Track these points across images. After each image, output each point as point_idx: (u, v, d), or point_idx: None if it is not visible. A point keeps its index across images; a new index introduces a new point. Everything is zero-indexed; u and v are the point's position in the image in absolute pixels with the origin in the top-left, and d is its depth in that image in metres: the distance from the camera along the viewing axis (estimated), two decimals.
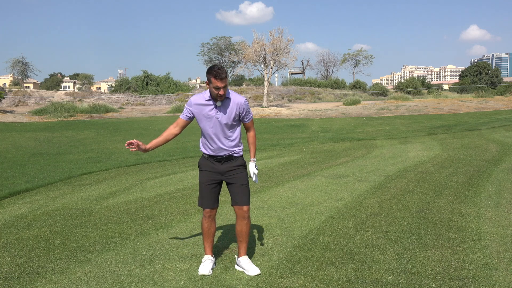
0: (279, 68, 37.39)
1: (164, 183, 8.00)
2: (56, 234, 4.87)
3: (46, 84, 78.96)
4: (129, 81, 51.98)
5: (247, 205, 3.67)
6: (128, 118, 28.89)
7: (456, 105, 32.53)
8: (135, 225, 5.15)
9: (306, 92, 52.31)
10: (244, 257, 3.72)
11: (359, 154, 11.56)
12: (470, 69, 74.82)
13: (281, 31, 34.63)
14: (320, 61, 78.78)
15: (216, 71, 3.39)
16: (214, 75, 3.39)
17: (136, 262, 3.94)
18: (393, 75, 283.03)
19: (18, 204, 6.59)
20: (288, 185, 7.41)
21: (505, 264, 3.66)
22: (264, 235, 4.62)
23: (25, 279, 3.61)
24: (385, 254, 3.96)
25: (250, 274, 3.59)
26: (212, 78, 3.40)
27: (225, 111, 3.56)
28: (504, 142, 12.77)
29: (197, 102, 3.60)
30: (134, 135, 18.96)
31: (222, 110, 3.56)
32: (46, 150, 14.13)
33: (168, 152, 13.41)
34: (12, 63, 64.83)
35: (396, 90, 56.26)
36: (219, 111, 3.56)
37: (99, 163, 11.01)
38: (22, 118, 28.51)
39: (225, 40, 73.30)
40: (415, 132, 17.71)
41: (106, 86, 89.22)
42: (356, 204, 5.88)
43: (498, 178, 7.39)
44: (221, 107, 3.56)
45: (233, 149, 3.68)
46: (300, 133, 19.61)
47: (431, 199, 6.00)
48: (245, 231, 3.70)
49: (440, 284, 3.33)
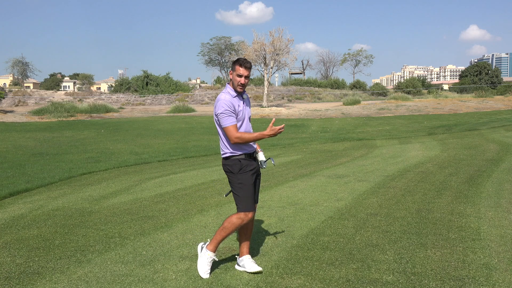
0: (279, 68, 37.44)
1: (164, 183, 8.00)
2: (56, 234, 4.87)
3: (46, 84, 79.00)
4: (129, 81, 52.00)
5: (257, 202, 3.79)
6: (128, 118, 28.89)
7: (456, 105, 32.54)
8: (135, 225, 5.15)
9: (306, 92, 52.33)
10: (247, 256, 3.73)
11: (359, 154, 11.56)
12: (470, 69, 74.83)
13: (281, 31, 34.68)
14: (320, 61, 78.87)
15: (243, 60, 3.60)
16: (239, 63, 3.57)
17: (136, 262, 3.94)
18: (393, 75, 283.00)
19: (18, 204, 6.59)
20: (288, 185, 7.41)
21: (505, 264, 3.66)
22: (264, 235, 4.62)
23: (25, 279, 3.61)
24: (385, 254, 3.96)
25: (250, 271, 3.60)
26: (237, 66, 3.56)
27: (248, 104, 3.76)
28: (504, 142, 12.77)
29: (229, 99, 3.54)
30: (134, 135, 18.96)
31: (246, 102, 3.74)
32: (46, 150, 14.13)
33: (168, 152, 13.41)
34: (12, 63, 64.87)
35: (396, 90, 56.28)
36: (245, 103, 3.70)
37: (99, 163, 11.01)
38: (22, 118, 28.51)
39: (225, 40, 73.27)
40: (415, 132, 17.71)
41: (106, 86, 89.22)
42: (356, 204, 5.88)
43: (498, 178, 7.39)
44: (245, 100, 3.72)
45: (255, 144, 3.75)
46: (300, 133, 19.61)
47: (431, 199, 6.00)
48: (250, 228, 3.76)
49: (440, 284, 3.33)
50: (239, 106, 3.58)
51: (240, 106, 3.59)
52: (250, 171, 3.60)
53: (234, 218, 3.55)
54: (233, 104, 3.52)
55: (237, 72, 3.55)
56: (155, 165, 10.90)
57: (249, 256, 3.73)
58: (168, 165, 10.80)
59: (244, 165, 3.58)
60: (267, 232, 4.72)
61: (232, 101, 3.53)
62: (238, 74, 3.55)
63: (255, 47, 35.02)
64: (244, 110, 3.63)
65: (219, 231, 3.60)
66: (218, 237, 3.61)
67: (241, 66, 3.55)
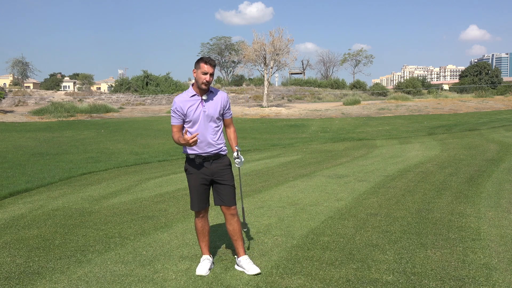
0: (279, 68, 37.39)
1: (164, 183, 8.00)
2: (56, 234, 4.87)
3: (46, 84, 79.00)
4: (129, 81, 51.94)
5: (234, 205, 3.72)
6: (128, 118, 28.88)
7: (456, 105, 32.52)
8: (135, 225, 5.15)
9: (306, 92, 52.32)
10: (245, 256, 3.73)
11: (359, 154, 11.56)
12: (470, 69, 74.74)
13: (281, 31, 34.64)
14: (320, 61, 78.66)
15: (206, 57, 3.61)
16: (204, 61, 3.57)
17: (136, 262, 3.94)
18: (393, 75, 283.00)
19: (18, 204, 6.59)
20: (288, 185, 7.41)
21: (505, 264, 3.66)
22: (264, 235, 4.61)
23: (25, 279, 3.62)
24: (385, 254, 3.96)
25: (249, 273, 3.59)
26: (202, 63, 3.55)
27: (212, 104, 3.65)
28: (504, 142, 12.77)
29: (181, 100, 3.62)
30: (134, 135, 18.95)
31: (208, 103, 3.64)
32: (46, 150, 14.12)
33: (168, 152, 13.42)
34: (12, 63, 64.73)
35: (396, 90, 56.23)
36: (205, 104, 3.63)
37: (99, 163, 11.01)
38: (22, 118, 28.50)
39: (225, 40, 73.24)
40: (415, 132, 17.71)
41: (106, 86, 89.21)
42: (356, 204, 5.88)
43: (498, 178, 7.39)
44: (207, 100, 3.63)
45: (220, 145, 3.70)
46: (300, 133, 19.61)
47: (431, 199, 6.00)
48: (237, 228, 3.74)
49: (440, 284, 3.33)
50: (190, 108, 3.58)
51: (192, 108, 3.58)
52: (196, 174, 3.67)
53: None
54: (182, 107, 3.59)
55: (201, 70, 3.54)
56: (155, 165, 10.91)
57: (246, 257, 3.73)
58: (168, 165, 10.80)
59: (189, 167, 3.71)
60: (267, 232, 4.72)
61: (183, 103, 3.59)
62: (203, 72, 3.54)
63: (255, 47, 34.99)
64: (197, 111, 3.59)
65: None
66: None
67: (206, 63, 3.54)
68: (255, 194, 6.69)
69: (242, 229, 3.88)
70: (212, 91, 3.67)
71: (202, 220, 3.77)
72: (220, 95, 3.71)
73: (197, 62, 3.58)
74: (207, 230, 3.82)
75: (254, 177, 8.30)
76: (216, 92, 3.71)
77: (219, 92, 3.72)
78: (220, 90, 3.75)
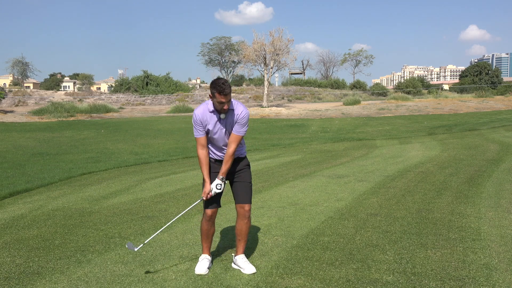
0: (279, 68, 37.43)
1: (164, 183, 8.00)
2: (56, 234, 4.86)
3: (46, 84, 79.00)
4: (129, 81, 51.94)
5: (249, 203, 3.71)
6: (128, 118, 28.88)
7: (456, 105, 32.53)
8: (135, 225, 5.15)
9: (306, 92, 52.31)
10: (241, 255, 3.76)
11: (359, 154, 11.56)
12: (470, 69, 74.72)
13: (281, 31, 34.65)
14: (320, 61, 78.62)
15: (220, 86, 3.40)
16: (218, 91, 3.41)
17: (136, 262, 3.94)
18: (393, 75, 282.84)
19: (18, 204, 6.59)
20: (288, 185, 7.41)
21: (505, 264, 3.66)
22: (264, 235, 4.61)
23: (25, 279, 3.61)
24: (385, 254, 3.96)
25: (245, 273, 3.62)
26: (217, 94, 3.43)
27: (229, 122, 3.61)
28: (504, 142, 12.77)
29: (201, 113, 3.60)
30: (134, 135, 18.95)
31: (227, 120, 3.61)
32: (46, 150, 14.12)
33: (168, 152, 13.42)
34: (12, 63, 64.77)
35: (396, 90, 56.22)
36: (223, 121, 3.60)
37: (99, 163, 11.01)
38: (22, 118, 28.50)
39: (225, 40, 73.21)
40: (415, 132, 17.71)
41: (106, 86, 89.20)
42: (356, 204, 5.88)
43: (498, 178, 7.39)
44: (226, 118, 3.60)
45: (239, 151, 3.73)
46: (300, 133, 19.61)
47: (431, 199, 6.00)
48: (244, 230, 3.74)
49: (440, 284, 3.33)
50: (210, 123, 3.58)
51: (211, 124, 3.58)
52: (214, 173, 3.72)
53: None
54: (202, 120, 3.58)
55: (217, 100, 3.44)
56: (155, 165, 10.90)
57: (243, 256, 3.76)
58: (168, 165, 10.80)
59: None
60: (267, 232, 4.72)
61: (203, 116, 3.58)
62: (220, 102, 3.45)
63: (255, 47, 34.99)
64: (216, 127, 3.59)
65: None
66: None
67: (221, 94, 3.40)
68: (255, 194, 6.67)
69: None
70: (232, 108, 3.58)
71: (209, 223, 3.78)
72: (237, 111, 3.58)
73: (212, 88, 3.44)
74: (212, 233, 3.84)
75: (254, 177, 8.24)
76: (236, 106, 3.59)
77: (237, 107, 3.59)
78: (239, 104, 3.62)
